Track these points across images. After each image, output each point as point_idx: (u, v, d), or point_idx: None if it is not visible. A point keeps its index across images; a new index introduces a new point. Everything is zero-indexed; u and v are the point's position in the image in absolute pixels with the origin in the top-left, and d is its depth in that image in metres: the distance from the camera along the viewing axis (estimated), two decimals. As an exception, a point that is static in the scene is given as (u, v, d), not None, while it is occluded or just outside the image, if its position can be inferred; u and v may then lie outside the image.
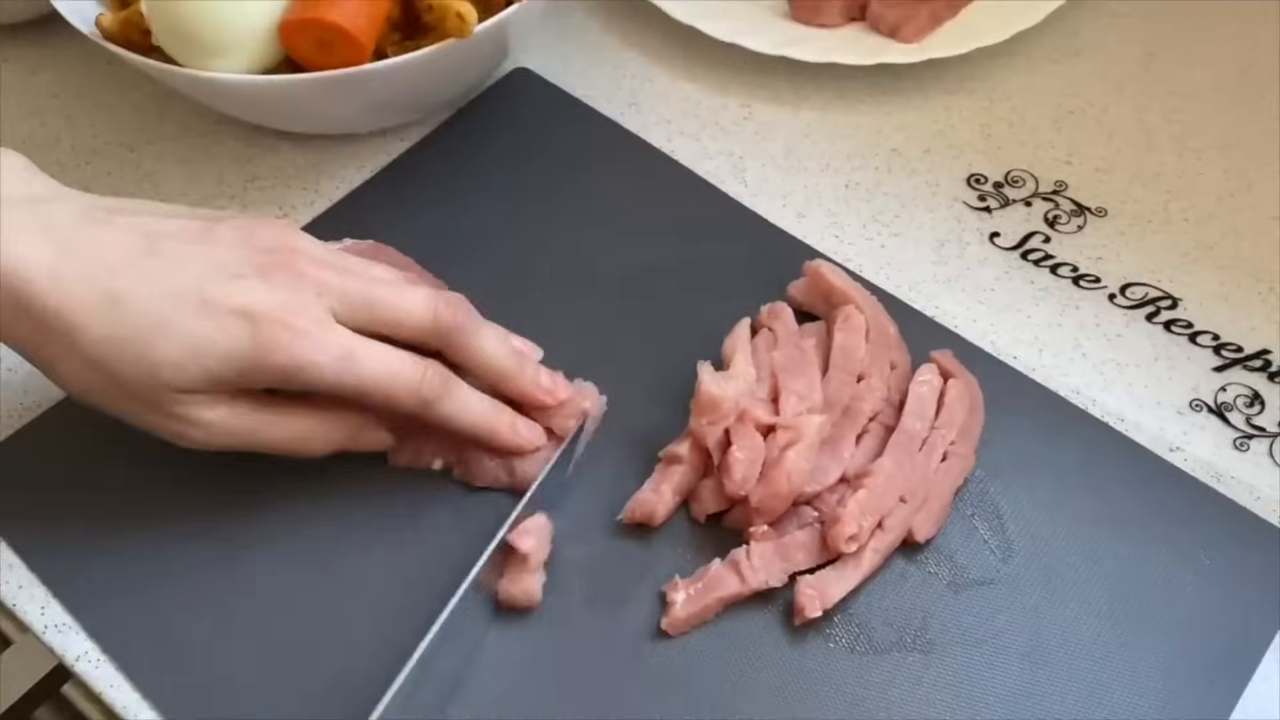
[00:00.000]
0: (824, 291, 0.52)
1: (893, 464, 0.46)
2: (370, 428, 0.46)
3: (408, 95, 0.58)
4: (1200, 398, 0.51)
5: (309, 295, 0.42)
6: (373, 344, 0.43)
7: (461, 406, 0.45)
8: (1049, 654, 0.44)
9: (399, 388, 0.43)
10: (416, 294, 0.44)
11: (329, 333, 0.42)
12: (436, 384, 0.44)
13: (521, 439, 0.47)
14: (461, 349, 0.45)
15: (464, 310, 0.45)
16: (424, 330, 0.44)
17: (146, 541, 0.46)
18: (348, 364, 0.42)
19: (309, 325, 0.41)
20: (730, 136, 0.62)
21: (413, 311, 0.44)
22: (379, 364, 0.43)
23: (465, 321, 0.45)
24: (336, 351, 0.42)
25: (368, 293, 0.43)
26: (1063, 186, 0.60)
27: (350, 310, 0.43)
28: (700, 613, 0.44)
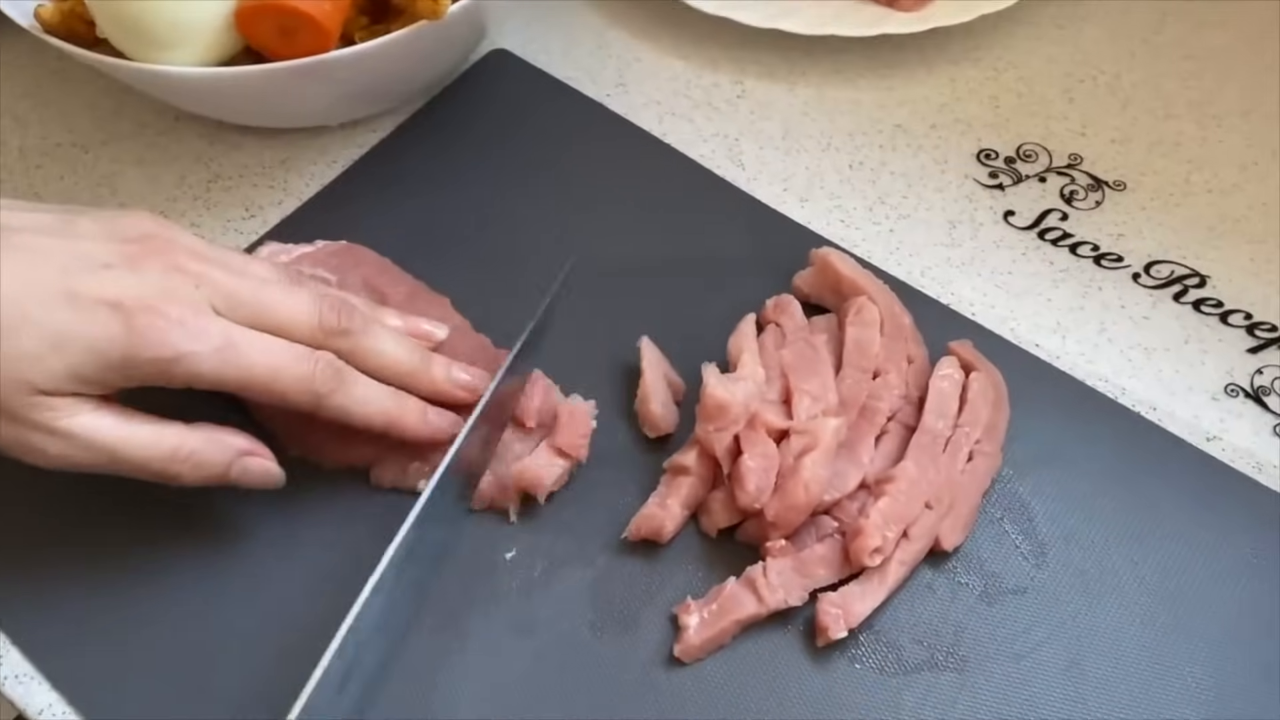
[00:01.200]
0: (833, 282, 0.49)
1: (916, 467, 0.43)
2: (259, 457, 0.42)
3: (379, 83, 0.54)
4: (1235, 382, 0.48)
5: (185, 286, 0.38)
6: (257, 335, 0.39)
7: (360, 399, 0.41)
8: (1091, 666, 0.41)
9: (287, 380, 0.39)
10: (300, 296, 0.41)
11: (208, 321, 0.38)
12: (329, 376, 0.40)
13: (432, 429, 0.43)
14: (353, 353, 0.42)
15: (348, 311, 0.42)
16: (308, 334, 0.41)
17: (110, 587, 0.43)
18: (229, 354, 0.38)
19: (186, 314, 0.38)
20: (724, 117, 0.59)
21: (297, 313, 0.40)
22: (264, 354, 0.39)
23: (351, 324, 0.42)
24: (217, 341, 0.38)
25: (249, 292, 0.40)
26: (1078, 160, 0.56)
27: (228, 306, 0.39)
28: (716, 637, 0.41)
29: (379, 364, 0.43)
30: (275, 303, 0.40)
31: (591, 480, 0.45)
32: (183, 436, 0.40)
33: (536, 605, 0.42)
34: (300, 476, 0.44)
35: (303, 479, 0.44)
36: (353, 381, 0.41)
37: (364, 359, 0.42)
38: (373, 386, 0.42)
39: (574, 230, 0.53)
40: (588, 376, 0.47)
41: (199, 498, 0.42)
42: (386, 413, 0.42)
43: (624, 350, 0.48)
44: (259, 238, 0.53)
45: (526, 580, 0.43)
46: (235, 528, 0.44)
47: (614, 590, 0.42)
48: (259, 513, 0.44)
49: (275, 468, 0.42)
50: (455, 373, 0.45)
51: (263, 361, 0.39)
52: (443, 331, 0.46)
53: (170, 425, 0.40)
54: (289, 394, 0.40)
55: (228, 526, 0.44)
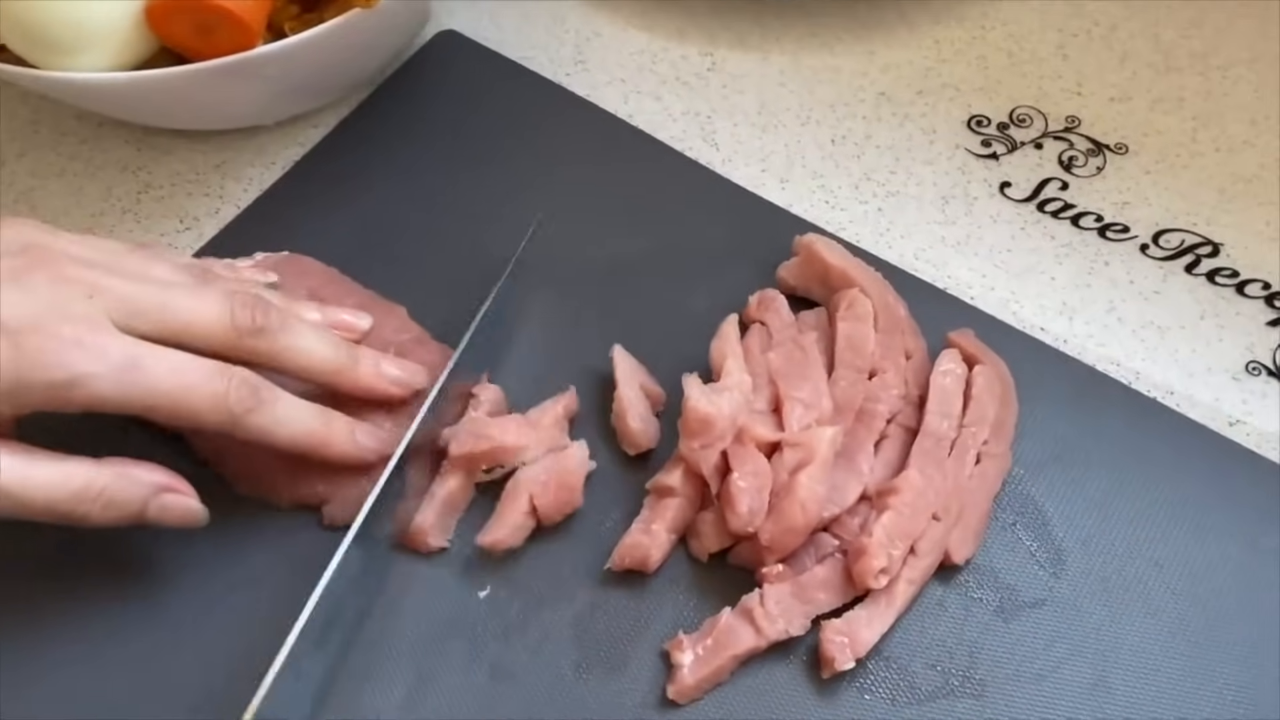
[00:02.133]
0: (820, 272, 0.45)
1: (920, 476, 0.39)
2: (178, 493, 0.37)
3: (315, 77, 0.49)
4: (1257, 359, 0.45)
5: (77, 299, 0.35)
6: (163, 350, 0.36)
7: (281, 418, 0.38)
8: (1119, 683, 0.38)
9: (199, 400, 0.36)
10: (209, 295, 0.37)
11: (107, 339, 0.35)
12: (245, 394, 0.36)
13: (361, 449, 0.40)
14: (271, 354, 0.38)
15: (265, 307, 0.38)
16: (221, 338, 0.37)
17: (33, 637, 0.39)
18: (132, 374, 0.34)
19: (81, 332, 0.34)
20: (694, 93, 0.55)
21: (205, 316, 0.36)
22: (170, 373, 0.35)
23: (268, 321, 0.38)
24: (117, 359, 0.34)
25: (149, 298, 0.36)
26: (1075, 123, 0.52)
27: (128, 317, 0.35)
28: (712, 675, 0.37)
29: (302, 363, 0.39)
30: (181, 307, 0.36)
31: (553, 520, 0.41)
32: (91, 474, 0.36)
33: (515, 647, 0.39)
34: (249, 515, 0.40)
35: (252, 518, 0.40)
36: (272, 399, 0.38)
37: (284, 359, 0.38)
38: (295, 405, 0.38)
39: (539, 227, 0.49)
40: (556, 388, 0.44)
41: (135, 538, 0.39)
42: (311, 433, 0.39)
43: (594, 356, 0.44)
44: (195, 252, 0.49)
45: (503, 620, 0.39)
46: (174, 573, 0.40)
47: (599, 627, 0.39)
48: (201, 555, 0.40)
49: (197, 505, 0.38)
50: (385, 367, 0.41)
51: (170, 380, 0.35)
52: (366, 321, 0.43)
53: (76, 462, 0.36)
54: (201, 414, 0.36)
55: (164, 573, 0.40)
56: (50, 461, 0.35)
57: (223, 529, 0.40)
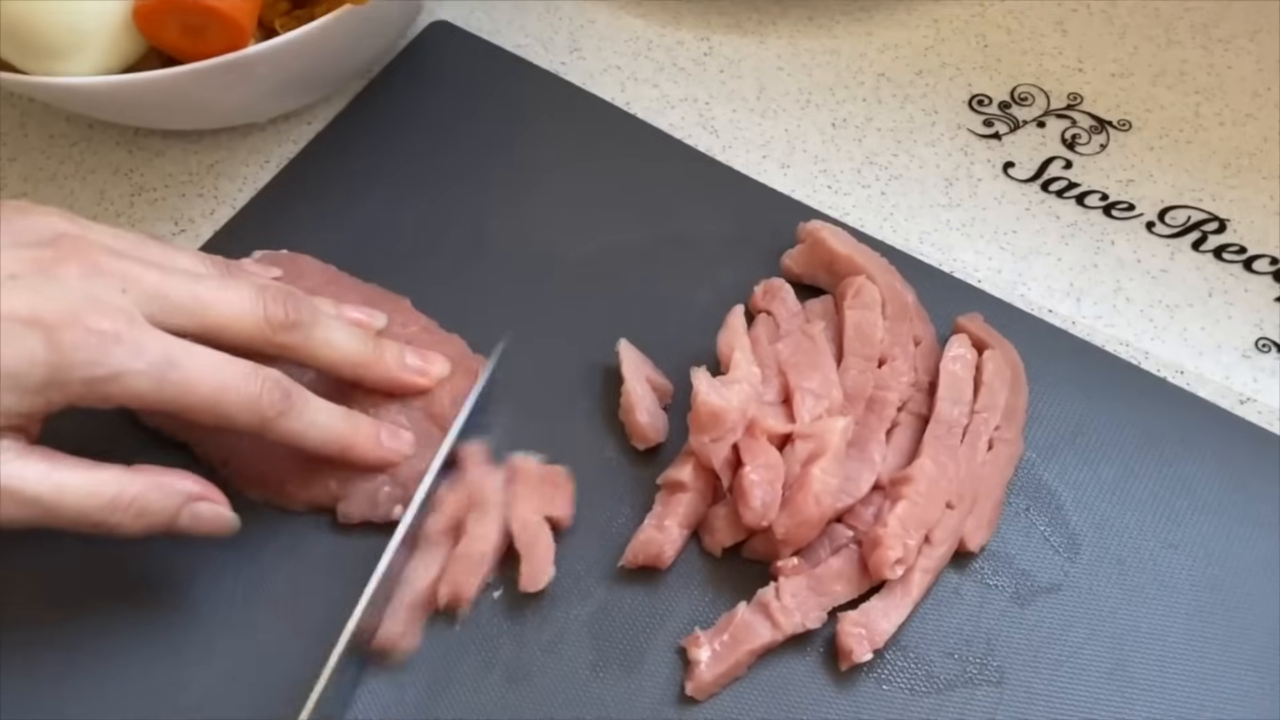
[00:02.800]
0: (826, 260, 0.44)
1: (933, 464, 0.39)
2: (210, 501, 0.37)
3: (307, 73, 0.49)
4: (1267, 335, 0.45)
5: (112, 291, 0.34)
6: (198, 349, 0.35)
7: (310, 423, 0.38)
8: (1137, 667, 0.38)
9: (232, 403, 0.35)
10: (240, 289, 0.37)
11: (144, 335, 0.34)
12: (277, 398, 0.36)
13: (387, 451, 0.40)
14: (302, 348, 0.38)
15: (296, 302, 0.38)
16: (253, 333, 0.36)
17: (48, 651, 0.39)
18: (170, 373, 0.34)
19: (118, 326, 0.33)
20: (691, 79, 0.54)
21: (238, 311, 0.36)
22: (207, 374, 0.35)
23: (300, 315, 0.37)
24: (156, 357, 0.34)
25: (182, 292, 0.35)
26: (1077, 99, 0.52)
27: (162, 311, 0.35)
28: (730, 670, 0.37)
29: (331, 357, 0.39)
30: (213, 301, 0.36)
31: (579, 503, 0.41)
32: (124, 482, 0.35)
33: (530, 648, 0.38)
34: (261, 521, 0.40)
35: (263, 521, 0.40)
36: (303, 403, 0.37)
37: (315, 353, 0.38)
38: (324, 408, 0.38)
39: (534, 217, 0.49)
40: (562, 384, 0.43)
41: (149, 546, 0.38)
42: (339, 436, 0.38)
43: (600, 350, 0.44)
44: (193, 254, 0.48)
45: (518, 622, 0.39)
46: (188, 580, 0.40)
47: (614, 625, 0.39)
48: (213, 560, 0.40)
49: (228, 513, 0.38)
50: (409, 358, 0.41)
51: (207, 381, 0.35)
52: (381, 320, 0.42)
53: (108, 469, 0.35)
54: (234, 417, 0.36)
55: (178, 580, 0.40)
56: (82, 469, 0.35)
57: (232, 536, 0.40)
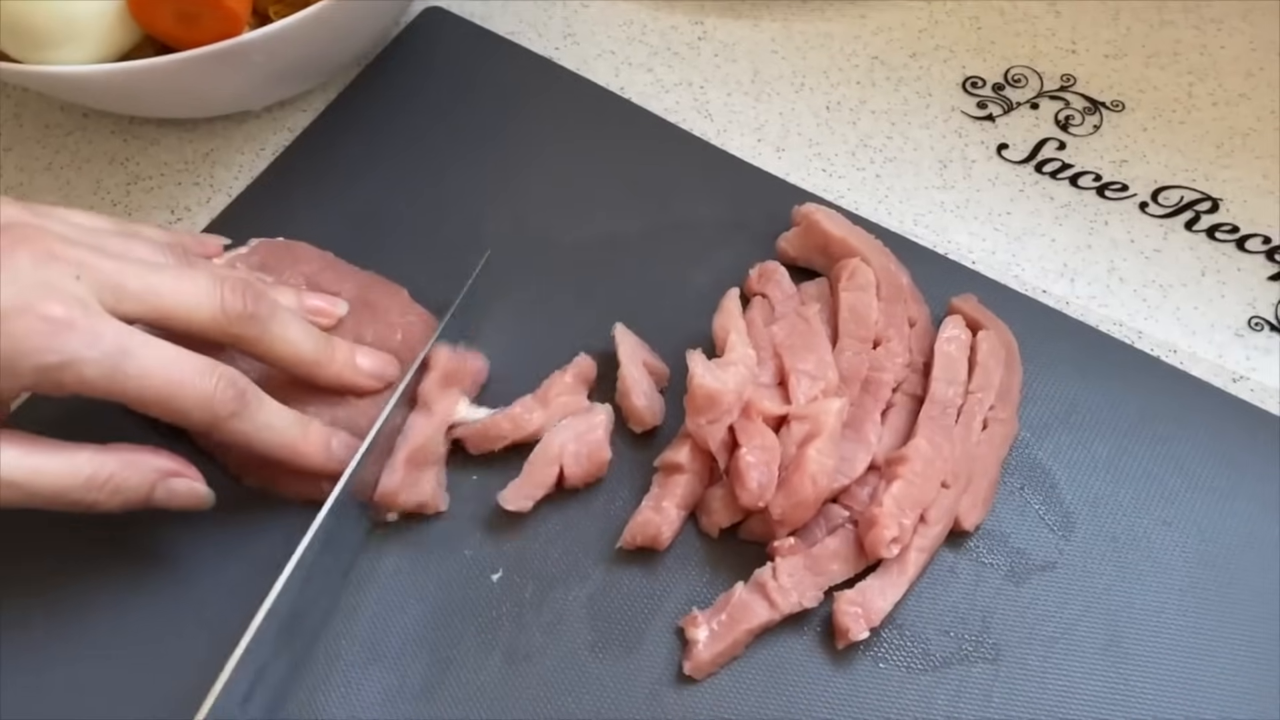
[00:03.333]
0: (820, 242, 0.45)
1: (928, 444, 0.39)
2: (184, 477, 0.38)
3: (301, 61, 0.49)
4: (1259, 314, 0.45)
5: (65, 278, 0.33)
6: (154, 341, 0.35)
7: (263, 424, 0.37)
8: (1131, 643, 0.38)
9: (186, 398, 0.35)
10: (198, 279, 0.36)
11: (98, 323, 0.33)
12: (230, 396, 0.36)
13: (334, 461, 0.39)
14: (257, 341, 0.38)
15: (255, 294, 0.37)
16: (209, 322, 0.36)
17: (34, 636, 0.39)
18: (123, 363, 0.34)
19: (72, 313, 0.33)
20: (686, 63, 0.54)
21: (195, 300, 0.36)
22: (162, 366, 0.34)
23: (258, 308, 0.37)
24: (108, 346, 0.33)
25: (138, 279, 0.35)
26: (1070, 81, 0.52)
27: (116, 298, 0.34)
28: (727, 649, 0.37)
29: (285, 353, 0.39)
30: (170, 291, 0.36)
31: (575, 490, 0.41)
32: (99, 461, 0.35)
33: (530, 629, 0.39)
34: (253, 506, 0.41)
35: (256, 509, 0.41)
36: (257, 404, 0.37)
37: (270, 347, 0.38)
38: (277, 411, 0.38)
39: (529, 202, 0.49)
40: (554, 365, 0.43)
41: (140, 533, 0.39)
42: (290, 441, 0.38)
43: (596, 335, 0.44)
44: (189, 242, 0.48)
45: (517, 603, 0.39)
46: (181, 568, 0.40)
47: (613, 606, 0.39)
48: (205, 548, 0.40)
49: (203, 488, 0.38)
50: (360, 359, 0.41)
51: (160, 374, 0.35)
52: (342, 307, 0.42)
53: (82, 450, 0.35)
54: (187, 412, 0.35)
55: (170, 567, 0.40)
56: (57, 451, 0.35)
57: (226, 520, 0.40)
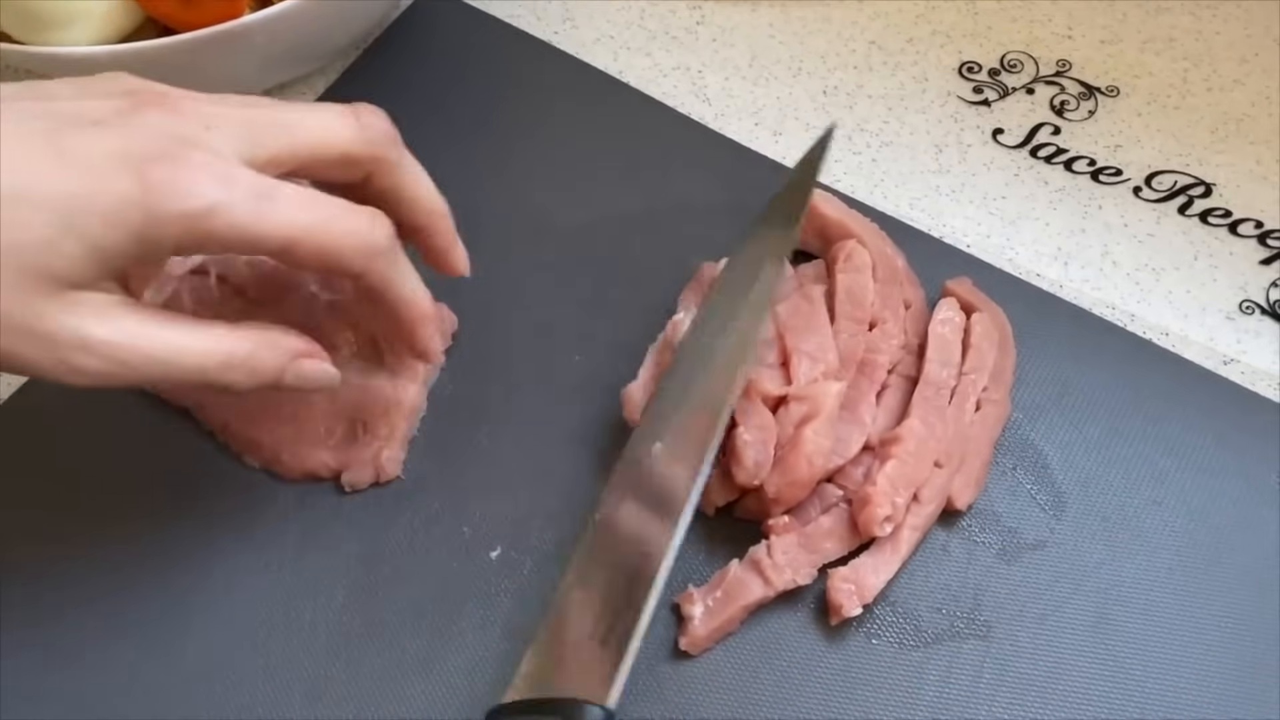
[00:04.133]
0: (817, 225, 0.45)
1: (922, 424, 0.40)
2: (315, 358, 0.36)
3: (302, 44, 0.49)
4: (1250, 298, 0.45)
5: (196, 129, 0.32)
6: (291, 185, 0.33)
7: (405, 271, 0.36)
8: (1120, 620, 0.39)
9: (340, 232, 0.33)
10: (328, 106, 0.35)
11: (235, 169, 0.32)
12: (387, 232, 0.34)
13: (434, 344, 0.39)
14: (396, 165, 0.36)
15: (386, 117, 0.36)
16: (353, 144, 0.35)
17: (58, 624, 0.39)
18: (269, 204, 0.32)
19: (208, 158, 0.31)
20: (684, 47, 0.54)
21: (332, 124, 0.34)
22: (310, 204, 0.33)
23: (395, 131, 0.36)
24: (250, 188, 0.32)
25: (268, 115, 0.33)
26: (1066, 66, 0.52)
27: (252, 143, 0.33)
28: (722, 625, 0.38)
29: (420, 189, 0.38)
30: (302, 122, 0.34)
31: (575, 463, 0.42)
32: (235, 339, 0.34)
33: (529, 606, 0.39)
34: (259, 487, 0.41)
35: (262, 489, 0.41)
36: (399, 249, 0.36)
37: (405, 176, 0.37)
38: (411, 269, 0.37)
39: (529, 186, 0.49)
40: (554, 348, 0.44)
41: (147, 514, 0.39)
42: (422, 299, 0.37)
43: (593, 317, 0.45)
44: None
45: (516, 580, 0.40)
46: (186, 550, 0.41)
47: (610, 583, 0.40)
48: (211, 531, 0.41)
49: (331, 369, 0.37)
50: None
51: (310, 211, 0.33)
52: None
53: (217, 327, 0.34)
54: (342, 249, 0.33)
55: (177, 550, 0.41)
56: (196, 328, 0.33)
57: (232, 502, 0.41)
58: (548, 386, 0.44)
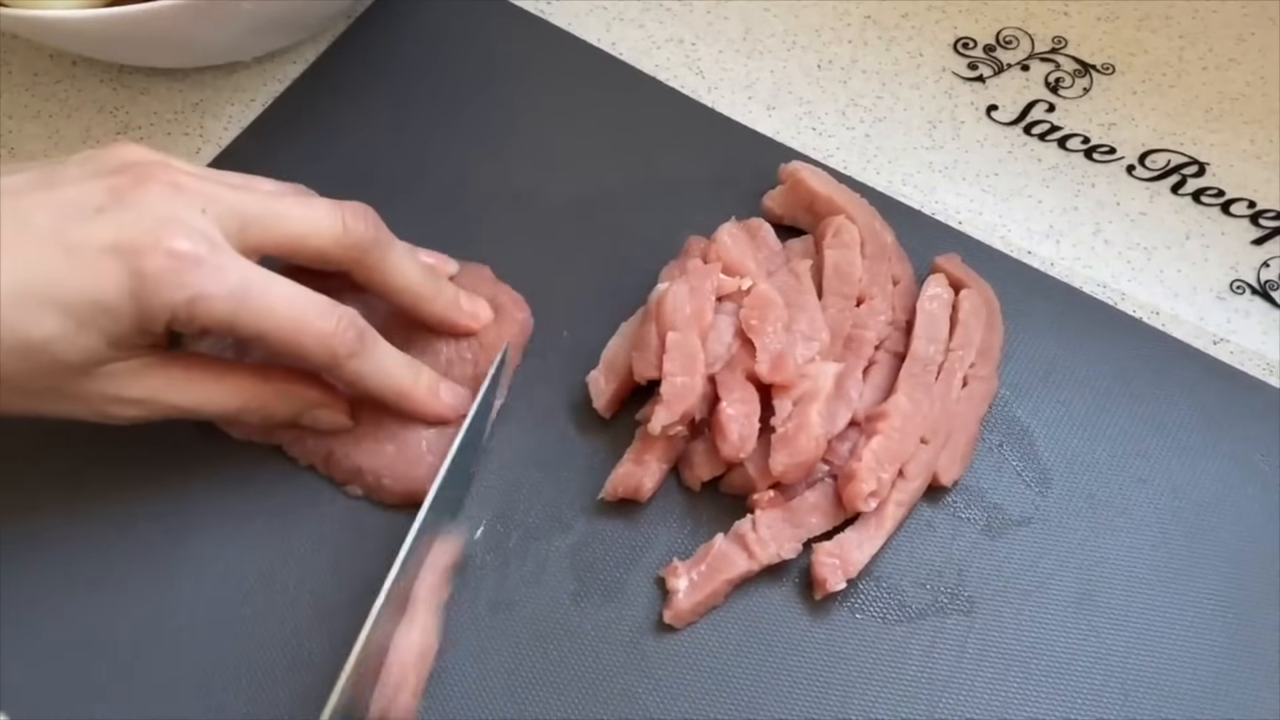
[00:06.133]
0: (806, 200, 0.45)
1: (908, 401, 0.40)
2: (328, 404, 0.39)
3: (292, 12, 0.48)
4: (1241, 278, 0.45)
5: (192, 210, 0.34)
6: (278, 278, 0.36)
7: (377, 365, 0.38)
8: (1103, 596, 0.39)
9: (308, 335, 0.36)
10: (318, 204, 0.37)
11: (225, 259, 0.34)
12: (350, 336, 0.37)
13: (443, 405, 0.40)
14: (374, 267, 0.38)
15: (374, 220, 0.38)
16: (332, 245, 0.37)
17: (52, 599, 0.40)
18: (250, 299, 0.34)
19: (198, 248, 0.34)
20: (678, 19, 0.54)
21: (318, 224, 0.36)
22: (286, 303, 0.35)
23: (379, 232, 0.38)
24: (234, 282, 0.34)
25: (261, 204, 0.36)
26: (1062, 43, 0.52)
27: (242, 228, 0.35)
28: (707, 599, 0.38)
29: (400, 283, 0.39)
30: (293, 215, 0.36)
31: (561, 439, 0.42)
32: (254, 391, 0.38)
33: (513, 579, 0.39)
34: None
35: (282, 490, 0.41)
36: (374, 345, 0.38)
37: (386, 274, 0.39)
38: (392, 354, 0.39)
39: (519, 160, 0.49)
40: (544, 322, 0.44)
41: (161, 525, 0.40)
42: (401, 383, 0.39)
43: (583, 290, 0.44)
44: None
45: (501, 553, 0.40)
46: (207, 554, 0.40)
47: (595, 556, 0.40)
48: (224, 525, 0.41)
49: (345, 418, 0.40)
50: (464, 299, 0.42)
51: (284, 310, 0.35)
52: (453, 266, 0.43)
53: (241, 376, 0.38)
54: (309, 350, 0.36)
55: (195, 553, 0.41)
56: (220, 378, 0.37)
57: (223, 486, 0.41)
58: (534, 362, 0.43)
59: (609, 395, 0.41)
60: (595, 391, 0.41)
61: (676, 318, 0.39)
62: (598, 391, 0.41)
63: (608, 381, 0.41)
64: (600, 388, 0.41)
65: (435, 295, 0.40)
